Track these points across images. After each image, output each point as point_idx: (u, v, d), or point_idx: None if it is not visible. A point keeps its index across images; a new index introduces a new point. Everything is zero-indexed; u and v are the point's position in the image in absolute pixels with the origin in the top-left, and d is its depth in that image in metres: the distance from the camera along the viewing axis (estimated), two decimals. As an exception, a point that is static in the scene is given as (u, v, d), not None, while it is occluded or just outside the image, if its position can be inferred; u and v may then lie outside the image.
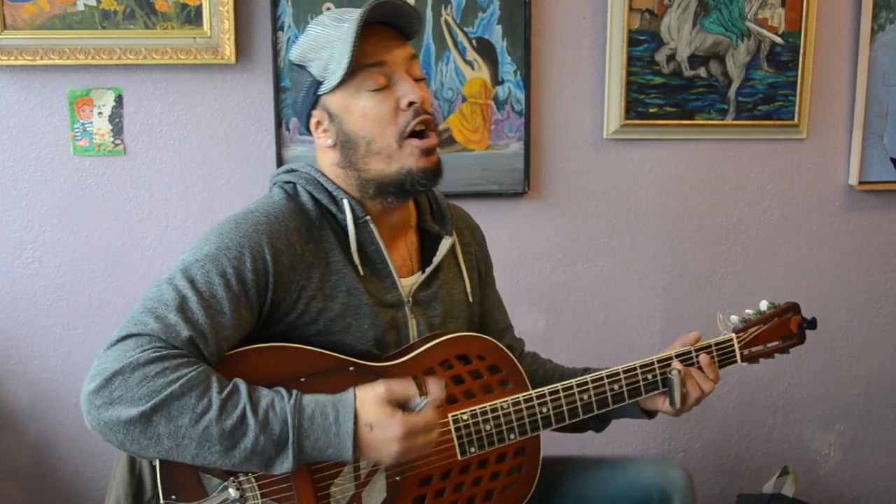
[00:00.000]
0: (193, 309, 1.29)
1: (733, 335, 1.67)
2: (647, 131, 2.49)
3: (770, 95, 2.52)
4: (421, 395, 1.32)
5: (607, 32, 2.43)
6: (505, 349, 1.53)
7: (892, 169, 2.60)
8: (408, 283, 1.53)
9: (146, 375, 1.23)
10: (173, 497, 1.33)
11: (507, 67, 2.39)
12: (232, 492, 1.34)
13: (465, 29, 2.36)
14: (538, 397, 1.51)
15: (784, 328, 1.70)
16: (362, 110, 1.42)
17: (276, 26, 2.28)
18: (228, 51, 2.25)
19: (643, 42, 2.44)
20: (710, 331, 2.62)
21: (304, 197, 1.47)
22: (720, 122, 2.51)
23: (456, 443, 1.46)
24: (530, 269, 2.53)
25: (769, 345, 1.70)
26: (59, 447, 2.40)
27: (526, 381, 1.55)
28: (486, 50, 2.38)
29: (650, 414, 1.67)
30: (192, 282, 1.31)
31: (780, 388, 2.72)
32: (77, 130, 2.29)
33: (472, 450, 1.47)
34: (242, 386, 1.28)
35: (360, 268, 1.46)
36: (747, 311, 1.71)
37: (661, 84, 2.47)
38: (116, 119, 2.30)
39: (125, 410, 1.22)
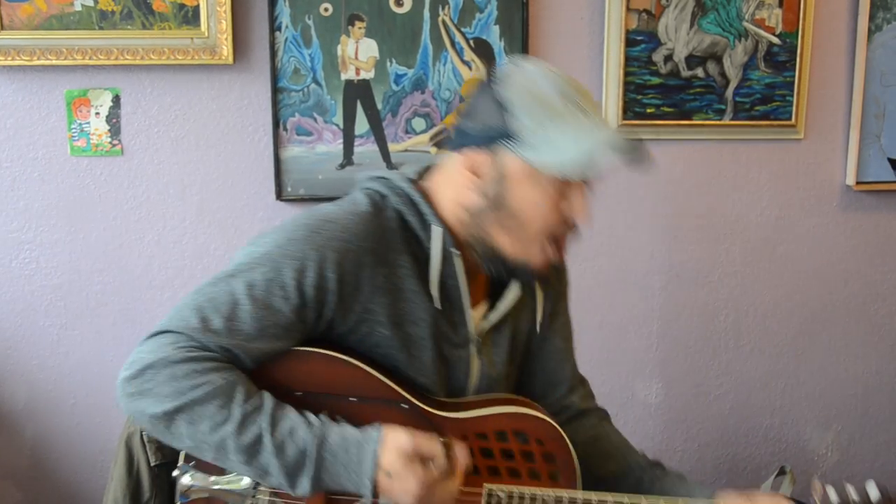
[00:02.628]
0: (243, 317, 1.26)
1: None
2: (645, 131, 2.49)
3: (767, 96, 2.52)
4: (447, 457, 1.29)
5: (605, 33, 2.43)
6: (570, 444, 1.41)
7: (889, 169, 2.60)
8: (476, 315, 1.45)
9: (175, 375, 1.23)
10: (192, 464, 1.34)
11: (505, 68, 2.39)
12: (247, 479, 1.34)
13: (463, 29, 2.36)
14: (583, 502, 1.38)
15: None
16: (533, 198, 1.32)
17: (274, 26, 2.28)
18: (226, 51, 2.25)
19: (641, 42, 2.44)
20: (706, 329, 2.63)
21: (391, 213, 1.37)
22: (718, 123, 2.52)
23: None
24: (528, 270, 2.52)
25: None
26: (56, 447, 2.39)
27: (577, 478, 1.43)
28: (483, 50, 2.38)
29: None
30: (249, 287, 1.27)
31: (777, 388, 2.72)
32: (74, 131, 2.28)
33: None
34: (268, 403, 1.26)
35: (436, 301, 1.38)
36: (850, 487, 1.50)
37: (658, 84, 2.47)
38: (114, 119, 2.29)
39: (150, 405, 1.24)
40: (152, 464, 1.49)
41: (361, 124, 2.36)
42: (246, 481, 1.34)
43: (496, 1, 2.36)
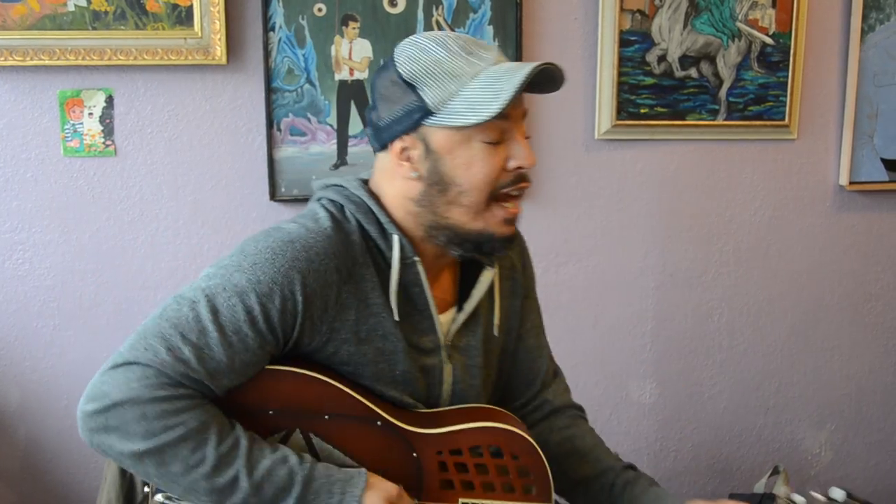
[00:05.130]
0: (212, 346, 1.23)
1: None
2: (639, 132, 2.49)
3: (761, 96, 2.52)
4: None
5: (598, 33, 2.43)
6: (543, 457, 1.39)
7: (882, 169, 2.61)
8: (445, 321, 1.44)
9: (145, 414, 1.19)
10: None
11: (499, 68, 2.39)
12: None
13: (457, 29, 2.36)
14: None
15: None
16: (469, 159, 1.30)
17: (267, 27, 2.28)
18: (219, 51, 2.25)
19: (634, 42, 2.44)
20: (699, 329, 2.63)
21: (352, 225, 1.34)
22: (711, 123, 2.52)
23: None
24: (522, 270, 2.53)
25: None
26: (49, 449, 2.39)
27: (551, 491, 1.42)
28: (477, 50, 2.38)
29: None
30: (215, 314, 1.24)
31: (771, 388, 2.72)
32: (67, 131, 2.28)
33: None
34: (244, 442, 1.24)
35: (394, 313, 1.36)
36: (815, 495, 1.52)
37: (652, 84, 2.47)
38: (107, 120, 2.29)
39: (118, 443, 1.21)
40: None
41: (355, 125, 2.36)
42: None
43: (490, 1, 2.36)
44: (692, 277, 2.62)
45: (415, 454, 1.35)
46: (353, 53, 2.33)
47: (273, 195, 2.35)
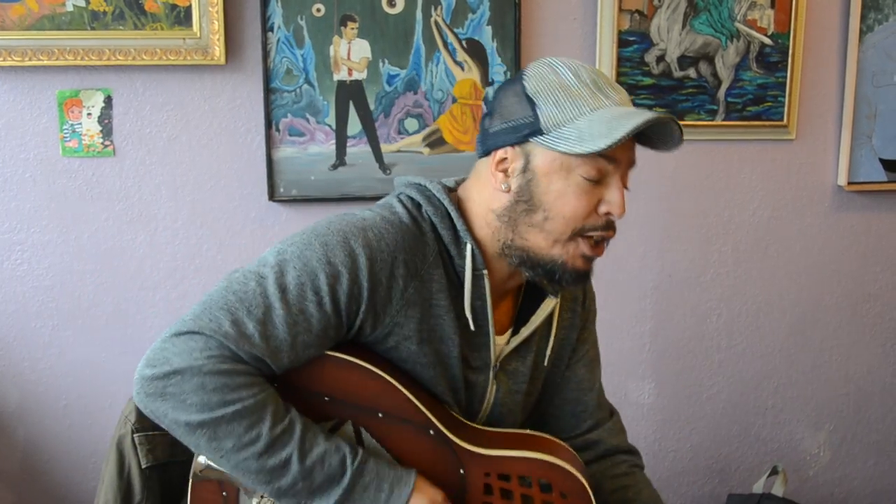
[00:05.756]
0: (277, 323, 1.22)
1: None
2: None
3: (759, 96, 2.52)
4: None
5: (597, 33, 2.43)
6: (592, 498, 1.35)
7: (880, 169, 2.61)
8: (499, 342, 1.42)
9: (204, 386, 1.19)
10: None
11: (497, 68, 2.39)
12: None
13: (455, 30, 2.36)
14: None
15: None
16: (564, 190, 1.28)
17: (266, 27, 2.28)
18: (218, 51, 2.25)
19: (633, 43, 2.44)
20: (698, 330, 2.63)
21: (427, 226, 1.34)
22: (710, 123, 2.52)
23: None
24: (521, 270, 2.53)
25: None
26: (48, 450, 2.39)
27: None
28: (476, 51, 2.38)
29: None
30: (283, 291, 1.23)
31: (769, 388, 2.72)
32: (66, 131, 2.28)
33: None
34: (298, 426, 1.23)
35: (471, 322, 1.35)
36: None
37: (651, 85, 2.47)
38: (105, 120, 2.29)
39: (172, 411, 1.20)
40: (143, 466, 1.49)
41: (354, 125, 2.36)
42: None
43: (488, 2, 2.36)
44: (691, 278, 2.62)
45: (462, 471, 1.33)
46: (351, 54, 2.33)
47: (272, 195, 2.35)
